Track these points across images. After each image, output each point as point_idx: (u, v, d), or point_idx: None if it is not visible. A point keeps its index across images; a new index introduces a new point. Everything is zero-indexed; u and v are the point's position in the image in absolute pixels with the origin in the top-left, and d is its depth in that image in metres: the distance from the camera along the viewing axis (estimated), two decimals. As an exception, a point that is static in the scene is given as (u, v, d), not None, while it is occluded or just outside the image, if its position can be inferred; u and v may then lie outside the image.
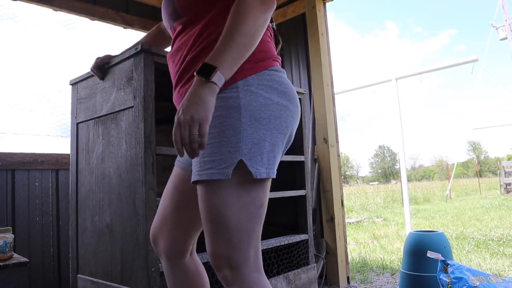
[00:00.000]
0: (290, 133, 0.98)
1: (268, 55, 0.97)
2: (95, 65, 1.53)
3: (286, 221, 2.11)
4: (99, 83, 1.61)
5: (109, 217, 1.51)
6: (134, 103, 1.41)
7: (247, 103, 0.90)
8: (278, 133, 0.93)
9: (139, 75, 1.40)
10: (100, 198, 1.57)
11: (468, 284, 1.65)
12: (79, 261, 1.67)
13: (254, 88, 0.91)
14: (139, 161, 1.37)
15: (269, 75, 0.94)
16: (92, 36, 2.87)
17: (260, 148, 0.89)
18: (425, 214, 7.74)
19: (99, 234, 1.56)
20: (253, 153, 0.88)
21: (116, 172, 1.49)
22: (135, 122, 1.40)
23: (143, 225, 1.35)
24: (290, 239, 1.92)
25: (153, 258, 1.35)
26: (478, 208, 8.28)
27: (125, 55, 1.45)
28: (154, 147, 1.40)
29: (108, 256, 1.51)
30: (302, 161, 2.05)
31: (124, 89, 1.47)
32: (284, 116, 0.94)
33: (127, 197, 1.43)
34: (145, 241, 1.34)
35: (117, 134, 1.50)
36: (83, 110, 1.71)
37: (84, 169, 1.68)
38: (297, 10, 3.03)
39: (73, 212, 1.72)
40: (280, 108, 0.93)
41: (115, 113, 1.52)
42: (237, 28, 0.87)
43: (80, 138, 1.72)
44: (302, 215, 2.03)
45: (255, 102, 0.90)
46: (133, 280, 1.38)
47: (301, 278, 1.92)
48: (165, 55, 1.45)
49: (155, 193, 1.38)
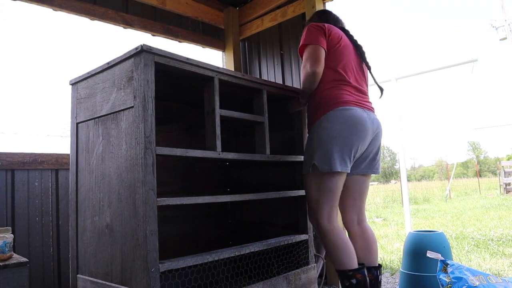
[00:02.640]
0: (351, 144, 1.70)
1: (332, 102, 1.74)
2: None
3: (286, 221, 2.11)
4: (99, 83, 1.61)
5: (109, 217, 1.51)
6: (134, 103, 1.40)
7: (317, 133, 1.73)
8: (336, 145, 1.68)
9: (139, 75, 1.39)
10: (100, 198, 1.56)
11: (467, 284, 1.65)
12: (79, 261, 1.67)
13: (323, 123, 1.72)
14: (139, 161, 1.36)
15: (333, 113, 1.72)
16: (92, 36, 2.87)
17: (324, 154, 1.69)
18: (425, 214, 7.75)
19: (99, 234, 1.56)
20: (320, 158, 1.70)
21: (116, 172, 1.48)
22: (135, 122, 1.39)
23: (143, 225, 1.33)
24: (290, 239, 1.91)
25: (153, 258, 1.33)
26: (478, 208, 8.28)
27: (125, 55, 1.45)
28: (155, 147, 1.39)
29: (108, 256, 1.50)
30: (301, 161, 2.03)
31: (124, 89, 1.46)
32: (343, 135, 1.69)
33: (127, 198, 1.42)
34: (145, 241, 1.32)
35: (117, 134, 1.49)
36: (83, 110, 1.70)
37: (84, 169, 1.68)
38: (297, 10, 3.03)
39: (73, 212, 1.72)
40: (340, 131, 1.69)
41: (115, 113, 1.51)
42: (301, 84, 1.85)
43: (80, 138, 1.72)
44: (302, 215, 2.02)
45: (322, 130, 1.71)
46: (133, 280, 1.37)
47: (301, 278, 1.91)
48: (165, 55, 1.45)
49: (155, 194, 1.36)
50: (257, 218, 2.28)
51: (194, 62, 1.56)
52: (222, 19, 3.47)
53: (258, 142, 1.89)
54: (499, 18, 18.91)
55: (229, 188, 2.45)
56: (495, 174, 20.05)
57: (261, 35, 3.38)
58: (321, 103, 1.76)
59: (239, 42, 3.48)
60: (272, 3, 3.17)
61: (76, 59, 7.33)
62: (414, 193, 12.32)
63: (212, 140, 1.64)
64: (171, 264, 1.39)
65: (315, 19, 1.99)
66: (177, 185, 2.17)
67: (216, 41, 3.46)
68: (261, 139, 1.88)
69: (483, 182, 17.63)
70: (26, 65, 7.52)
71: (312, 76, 1.74)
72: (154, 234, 1.34)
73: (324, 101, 1.76)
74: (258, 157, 1.82)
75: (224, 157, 1.66)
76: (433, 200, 11.58)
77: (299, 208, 2.04)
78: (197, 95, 1.84)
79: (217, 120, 1.64)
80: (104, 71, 1.58)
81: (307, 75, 1.75)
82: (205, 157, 1.62)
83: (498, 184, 14.18)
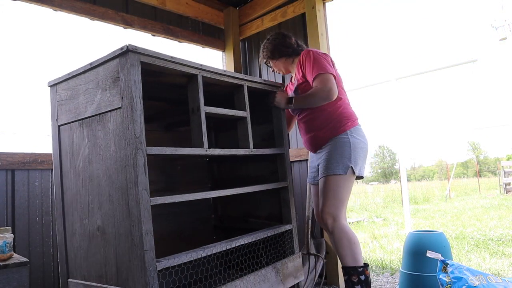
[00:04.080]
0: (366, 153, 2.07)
1: (353, 118, 2.06)
2: None
3: (269, 213, 2.17)
4: (82, 84, 1.58)
5: (100, 219, 1.50)
6: (122, 104, 1.39)
7: (352, 141, 1.99)
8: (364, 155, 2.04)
9: (126, 76, 1.37)
10: (89, 201, 1.55)
11: (467, 284, 1.65)
12: (69, 265, 1.65)
13: (355, 134, 2.01)
14: (130, 162, 1.36)
15: (359, 128, 2.06)
16: (92, 36, 2.87)
17: (355, 160, 1.97)
18: (425, 214, 7.75)
19: (90, 237, 1.55)
20: (355, 162, 1.96)
21: (106, 174, 1.47)
22: (125, 123, 1.38)
23: (138, 225, 1.33)
24: (276, 230, 1.97)
25: (150, 257, 1.34)
26: (478, 208, 8.28)
27: (109, 55, 1.43)
28: (145, 147, 1.39)
29: (102, 258, 1.49)
30: (282, 153, 2.10)
31: (110, 90, 1.44)
32: (365, 148, 2.05)
33: (119, 199, 1.42)
34: (141, 241, 1.32)
35: (104, 135, 1.48)
36: (65, 112, 1.67)
37: (69, 172, 1.66)
38: (297, 10, 3.03)
39: (59, 216, 1.69)
40: (363, 144, 2.03)
41: (101, 114, 1.49)
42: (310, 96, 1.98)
43: (63, 140, 1.69)
44: (286, 206, 2.08)
45: (355, 140, 2.00)
46: (130, 281, 1.37)
47: (288, 267, 1.97)
48: (150, 54, 1.44)
49: (148, 193, 1.36)
50: (240, 211, 2.33)
51: (178, 60, 1.55)
52: (222, 19, 3.47)
53: (241, 137, 1.92)
54: (499, 18, 18.93)
55: (210, 184, 2.49)
56: (495, 174, 20.05)
57: (261, 35, 3.38)
58: (346, 115, 2.04)
59: (239, 42, 3.48)
60: (272, 3, 3.17)
61: (76, 59, 7.28)
62: (414, 193, 12.32)
63: (198, 137, 1.65)
64: (168, 262, 1.40)
65: (280, 39, 2.25)
66: (161, 183, 2.21)
67: (216, 41, 3.46)
68: (244, 134, 1.91)
69: (483, 182, 17.62)
70: (26, 65, 7.41)
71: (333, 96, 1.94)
72: (149, 233, 1.35)
73: (348, 115, 2.04)
74: (242, 151, 1.86)
75: (211, 153, 1.67)
76: (433, 200, 11.58)
77: (282, 200, 2.09)
78: (177, 93, 1.87)
79: (203, 117, 1.65)
80: (87, 72, 1.55)
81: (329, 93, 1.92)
82: (193, 154, 1.62)
83: (498, 184, 14.18)
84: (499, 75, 70.20)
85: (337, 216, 1.91)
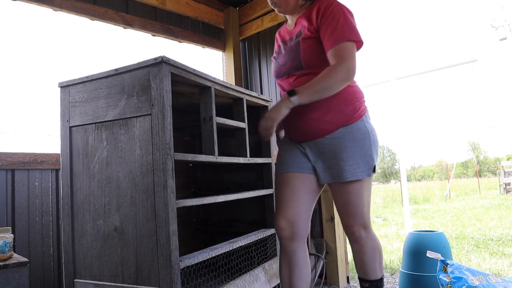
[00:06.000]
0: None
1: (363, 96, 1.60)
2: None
3: (252, 218, 2.34)
4: (102, 88, 1.62)
5: (118, 220, 1.55)
6: (152, 111, 1.46)
7: (370, 129, 1.56)
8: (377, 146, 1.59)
9: (158, 85, 1.45)
10: (105, 202, 1.59)
11: (467, 284, 1.65)
12: (76, 266, 1.67)
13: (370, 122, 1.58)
14: (159, 166, 1.44)
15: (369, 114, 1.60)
16: (92, 36, 2.87)
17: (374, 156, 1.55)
18: (425, 214, 7.75)
19: (105, 237, 1.58)
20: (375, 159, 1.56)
21: (128, 177, 1.53)
22: (155, 129, 1.46)
23: (165, 227, 1.42)
24: (265, 233, 2.12)
25: (175, 256, 1.43)
26: (478, 208, 8.28)
27: (140, 64, 1.50)
28: (173, 153, 1.47)
29: (118, 258, 1.54)
30: (269, 163, 2.27)
31: (138, 97, 1.51)
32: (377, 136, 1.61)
33: (143, 201, 1.48)
34: (168, 241, 1.41)
35: (128, 139, 1.54)
36: (79, 114, 1.70)
37: (80, 173, 1.68)
38: (297, 10, 3.03)
39: (67, 217, 1.71)
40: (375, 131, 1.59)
41: (125, 119, 1.55)
42: (322, 80, 1.43)
43: (75, 141, 1.71)
44: (270, 211, 2.23)
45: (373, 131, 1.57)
46: (152, 280, 1.45)
47: (273, 267, 2.14)
48: (179, 66, 1.53)
49: (174, 196, 1.46)
50: (223, 215, 2.47)
51: (198, 73, 1.65)
52: (222, 19, 3.47)
53: (239, 146, 2.06)
54: (499, 18, 18.93)
55: (193, 189, 2.59)
56: (495, 174, 20.06)
57: (261, 35, 3.39)
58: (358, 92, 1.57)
59: (239, 42, 3.48)
60: (272, 3, 3.17)
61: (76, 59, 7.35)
62: (414, 193, 12.32)
63: (210, 145, 1.75)
64: (189, 261, 1.51)
65: None
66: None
67: (216, 41, 3.46)
68: (242, 144, 2.04)
69: (483, 182, 17.63)
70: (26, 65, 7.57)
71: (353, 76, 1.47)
72: (175, 234, 1.44)
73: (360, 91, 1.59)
74: (242, 160, 1.99)
75: (220, 161, 1.78)
76: (433, 200, 11.58)
77: (266, 206, 2.26)
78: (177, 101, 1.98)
79: (214, 127, 1.75)
80: (110, 77, 1.60)
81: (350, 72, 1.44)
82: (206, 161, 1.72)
83: (498, 184, 14.18)
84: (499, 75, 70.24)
85: (368, 226, 1.61)
